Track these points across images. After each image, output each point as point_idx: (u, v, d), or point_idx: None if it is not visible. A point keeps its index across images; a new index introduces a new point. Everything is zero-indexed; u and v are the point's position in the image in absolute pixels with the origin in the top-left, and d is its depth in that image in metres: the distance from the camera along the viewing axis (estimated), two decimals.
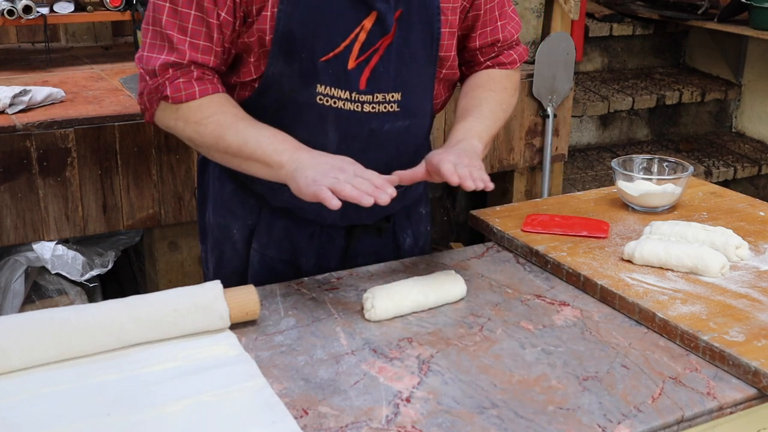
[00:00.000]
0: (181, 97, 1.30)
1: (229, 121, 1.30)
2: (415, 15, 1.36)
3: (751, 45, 4.06)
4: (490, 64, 1.54)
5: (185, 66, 1.30)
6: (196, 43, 1.29)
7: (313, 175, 1.21)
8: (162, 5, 1.28)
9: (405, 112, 1.41)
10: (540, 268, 1.46)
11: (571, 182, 3.56)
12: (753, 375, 1.10)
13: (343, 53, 1.33)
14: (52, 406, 1.03)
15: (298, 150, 1.27)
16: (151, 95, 1.32)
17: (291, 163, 1.25)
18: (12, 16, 2.54)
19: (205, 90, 1.31)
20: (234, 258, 1.53)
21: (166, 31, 1.28)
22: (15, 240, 2.21)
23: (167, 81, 1.30)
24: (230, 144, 1.29)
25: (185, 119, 1.31)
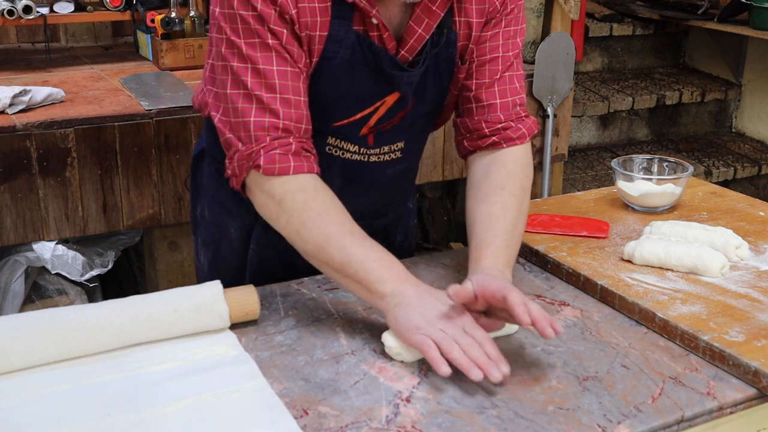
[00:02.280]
0: (273, 169, 1.21)
1: (336, 233, 1.20)
2: (429, 84, 1.37)
3: (751, 45, 4.06)
4: (497, 140, 1.39)
5: (283, 134, 1.23)
6: (287, 98, 1.23)
7: (418, 322, 1.11)
8: (242, 68, 1.22)
9: (406, 157, 1.45)
10: (540, 268, 1.46)
11: (571, 182, 3.56)
12: (753, 375, 1.10)
13: (357, 122, 1.34)
14: (52, 406, 1.03)
15: (404, 282, 1.17)
16: (242, 162, 1.24)
17: (393, 297, 1.15)
18: (12, 16, 2.54)
19: (300, 167, 1.23)
20: (230, 256, 1.54)
21: (254, 92, 1.22)
22: (15, 240, 2.21)
23: (262, 149, 1.22)
24: (333, 258, 1.19)
25: (289, 216, 1.22)
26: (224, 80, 1.25)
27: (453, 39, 1.35)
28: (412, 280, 1.18)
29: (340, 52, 1.27)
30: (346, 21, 1.25)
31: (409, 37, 1.30)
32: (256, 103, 1.23)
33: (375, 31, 1.27)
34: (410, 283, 1.17)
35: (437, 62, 1.35)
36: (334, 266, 1.20)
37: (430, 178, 2.82)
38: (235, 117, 1.24)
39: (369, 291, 1.18)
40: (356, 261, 1.18)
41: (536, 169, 3.05)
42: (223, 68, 1.25)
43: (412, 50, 1.31)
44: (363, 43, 1.27)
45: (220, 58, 1.25)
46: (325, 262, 1.21)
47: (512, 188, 1.36)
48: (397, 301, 1.15)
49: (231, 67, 1.24)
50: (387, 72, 1.29)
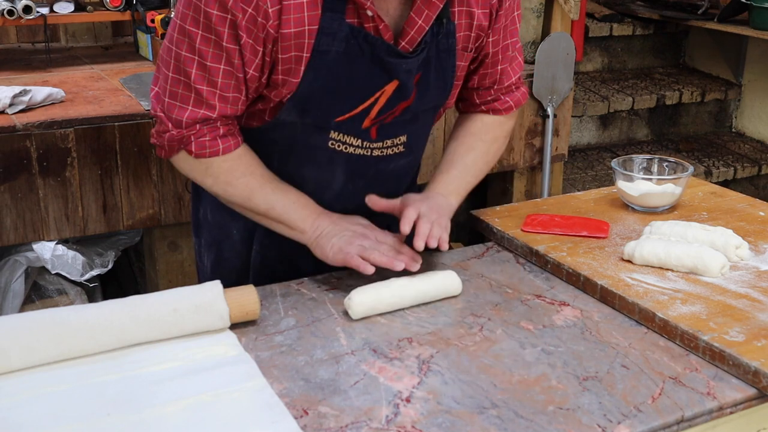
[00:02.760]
0: (204, 153, 1.33)
1: (257, 184, 1.36)
2: (432, 76, 1.38)
3: (751, 45, 4.06)
4: (485, 109, 1.54)
5: (213, 121, 1.32)
6: (225, 95, 1.29)
7: (339, 244, 1.33)
8: (190, 58, 1.26)
9: (408, 151, 1.47)
10: (540, 268, 1.46)
11: (571, 182, 3.56)
12: (753, 375, 1.10)
13: (359, 114, 1.35)
14: (52, 406, 1.03)
15: (320, 216, 1.37)
16: (173, 143, 1.33)
17: (313, 230, 1.36)
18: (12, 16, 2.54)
19: (228, 147, 1.34)
20: (233, 257, 1.53)
21: (195, 85, 1.27)
22: (15, 240, 2.21)
23: (192, 136, 1.32)
24: (258, 206, 1.37)
25: (215, 177, 1.36)
26: (168, 62, 1.30)
27: (452, 29, 1.36)
28: (326, 213, 1.38)
29: (334, 45, 1.27)
30: (339, 14, 1.25)
31: (410, 28, 1.31)
32: (195, 94, 1.28)
33: (370, 22, 1.27)
34: (325, 215, 1.38)
35: (438, 54, 1.36)
36: (260, 212, 1.38)
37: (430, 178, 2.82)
38: (171, 99, 1.30)
39: (292, 229, 1.38)
40: (278, 205, 1.36)
41: (536, 169, 3.05)
42: (169, 50, 1.29)
43: (412, 41, 1.32)
44: (357, 35, 1.27)
45: (171, 41, 1.29)
46: (251, 210, 1.39)
47: (483, 136, 1.54)
48: (317, 234, 1.36)
49: (178, 54, 1.27)
50: (384, 60, 1.30)
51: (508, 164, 2.96)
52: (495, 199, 3.15)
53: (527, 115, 2.93)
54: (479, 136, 1.53)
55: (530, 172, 3.07)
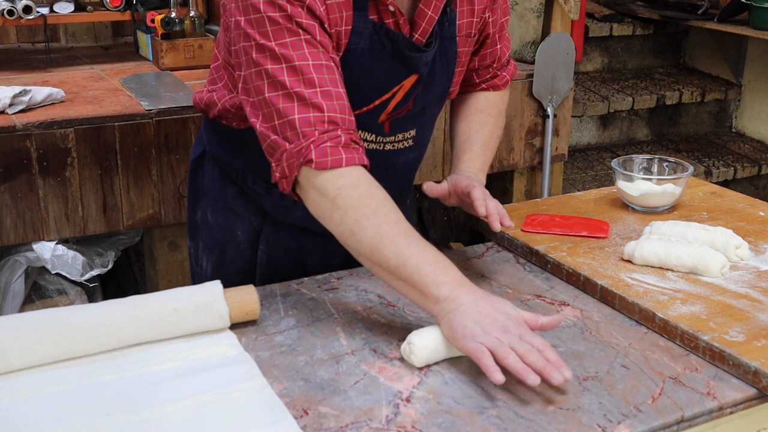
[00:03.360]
0: (326, 162, 1.17)
1: (390, 233, 1.16)
2: (437, 66, 1.39)
3: (751, 45, 4.06)
4: (485, 87, 1.59)
5: (329, 125, 1.19)
6: (327, 90, 1.20)
7: (473, 330, 1.08)
8: (277, 68, 1.19)
9: (417, 144, 1.48)
10: (540, 268, 1.46)
11: (571, 182, 3.56)
12: (753, 375, 1.10)
13: (376, 109, 1.35)
14: (52, 406, 1.03)
15: (459, 287, 1.13)
16: (291, 160, 1.19)
17: (449, 302, 1.12)
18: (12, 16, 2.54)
19: (351, 159, 1.19)
20: (237, 258, 1.53)
21: (293, 90, 1.18)
22: (15, 240, 2.21)
23: (312, 144, 1.18)
24: (387, 260, 1.15)
25: (343, 213, 1.17)
26: (260, 86, 1.21)
27: (453, 17, 1.38)
28: (468, 284, 1.14)
29: (360, 43, 1.28)
30: (363, 12, 1.27)
31: (421, 20, 1.32)
32: (297, 100, 1.19)
33: (390, 17, 1.29)
34: (466, 288, 1.14)
35: (441, 42, 1.37)
36: (388, 268, 1.16)
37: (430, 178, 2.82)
38: (279, 119, 1.20)
39: (423, 295, 1.14)
40: (411, 264, 1.14)
41: (536, 169, 3.05)
42: (258, 74, 1.21)
43: (424, 33, 1.33)
44: (380, 31, 1.29)
45: (252, 65, 1.21)
46: (378, 263, 1.17)
47: (490, 111, 1.58)
48: (452, 307, 1.11)
49: (266, 71, 1.20)
50: (405, 55, 1.32)
51: (508, 164, 2.95)
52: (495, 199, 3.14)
53: (527, 115, 2.93)
54: (487, 112, 1.57)
55: (530, 172, 3.07)
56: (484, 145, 1.53)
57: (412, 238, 1.16)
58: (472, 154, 1.50)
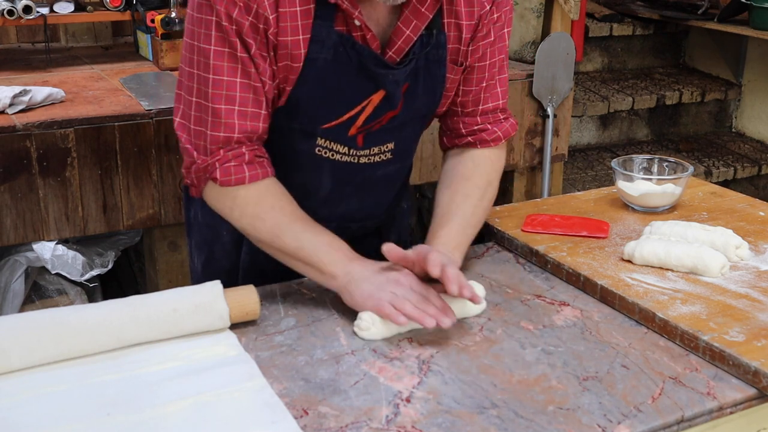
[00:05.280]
0: (230, 181, 1.28)
1: (287, 221, 1.29)
2: (421, 87, 1.37)
3: (751, 45, 4.06)
4: (472, 141, 1.48)
5: (236, 145, 1.27)
6: (244, 111, 1.26)
7: (370, 290, 1.22)
8: (204, 77, 1.25)
9: (397, 158, 1.45)
10: (540, 268, 1.46)
11: (571, 182, 3.56)
12: (753, 375, 1.10)
13: (345, 122, 1.35)
14: (52, 406, 1.03)
15: (352, 261, 1.27)
16: (200, 174, 1.30)
17: (344, 276, 1.25)
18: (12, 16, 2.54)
19: (255, 176, 1.28)
20: (223, 258, 1.54)
21: (213, 105, 1.25)
22: (15, 240, 2.21)
23: (217, 162, 1.27)
24: (287, 245, 1.28)
25: (242, 210, 1.30)
26: (190, 87, 1.28)
27: (443, 41, 1.35)
28: (359, 259, 1.28)
29: (323, 53, 1.27)
30: (328, 22, 1.26)
31: (397, 38, 1.30)
32: (212, 116, 1.26)
33: (358, 31, 1.27)
34: (357, 260, 1.28)
35: (427, 64, 1.35)
36: (288, 252, 1.29)
37: (430, 178, 2.82)
38: (195, 125, 1.28)
39: (322, 273, 1.27)
40: (308, 247, 1.27)
41: (536, 169, 3.05)
42: (189, 75, 1.27)
43: (399, 51, 1.31)
44: (345, 43, 1.27)
45: (188, 63, 1.27)
46: (279, 249, 1.30)
47: (477, 180, 1.46)
48: (347, 280, 1.25)
49: (196, 75, 1.26)
50: (371, 70, 1.29)
51: (508, 164, 2.95)
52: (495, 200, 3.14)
53: (527, 115, 2.93)
54: (473, 181, 1.45)
55: (530, 172, 3.07)
56: (465, 221, 1.40)
57: (308, 225, 1.30)
58: (449, 230, 1.38)
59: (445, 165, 1.51)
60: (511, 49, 2.98)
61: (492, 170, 1.49)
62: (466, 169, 1.47)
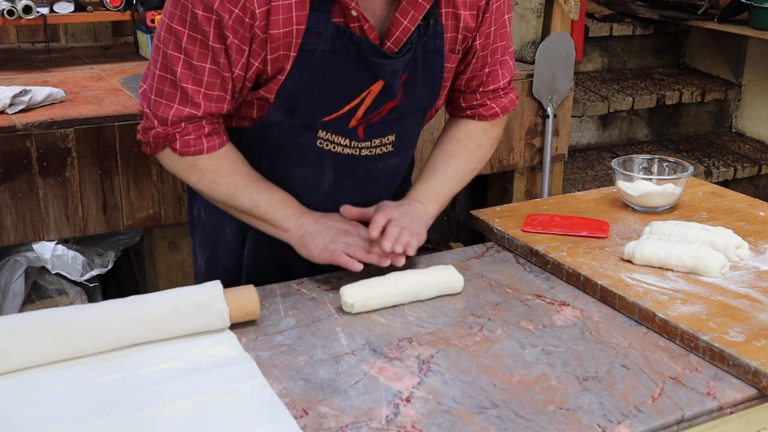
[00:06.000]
0: (189, 151, 1.33)
1: (242, 182, 1.37)
2: (419, 77, 1.38)
3: (751, 45, 4.06)
4: (470, 114, 1.53)
5: (198, 119, 1.32)
6: (210, 94, 1.29)
7: (324, 242, 1.34)
8: (176, 57, 1.27)
9: (398, 150, 1.46)
10: (540, 268, 1.46)
11: (571, 182, 3.56)
12: (753, 375, 1.10)
13: (346, 114, 1.35)
14: (52, 406, 1.03)
15: (303, 215, 1.38)
16: (158, 140, 1.34)
17: (297, 229, 1.37)
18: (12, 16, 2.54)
19: (212, 146, 1.34)
20: (226, 256, 1.54)
21: (181, 83, 1.28)
22: (15, 240, 2.21)
23: (178, 134, 1.32)
24: (242, 204, 1.38)
25: (200, 174, 1.36)
26: (156, 60, 1.30)
27: (440, 30, 1.36)
28: (309, 212, 1.39)
29: (320, 44, 1.27)
30: (325, 13, 1.26)
31: (395, 29, 1.31)
32: (180, 92, 1.29)
33: (355, 22, 1.28)
34: (308, 214, 1.39)
35: (425, 54, 1.36)
36: (243, 210, 1.39)
37: None
38: (157, 96, 1.30)
39: (275, 227, 1.38)
40: (262, 205, 1.37)
41: (536, 169, 3.05)
42: (157, 49, 1.30)
43: (398, 42, 1.32)
44: (343, 35, 1.28)
45: (159, 39, 1.29)
46: (234, 207, 1.39)
47: (467, 143, 1.53)
48: (301, 233, 1.37)
49: (165, 53, 1.28)
50: (369, 60, 1.30)
51: (508, 164, 2.96)
52: (495, 199, 3.15)
53: (527, 115, 2.93)
54: (463, 142, 1.52)
55: (530, 172, 3.07)
56: (446, 175, 1.49)
57: (261, 185, 1.39)
58: (429, 183, 1.48)
59: (444, 128, 1.58)
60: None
61: (483, 136, 1.54)
62: (459, 133, 1.54)
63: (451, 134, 1.54)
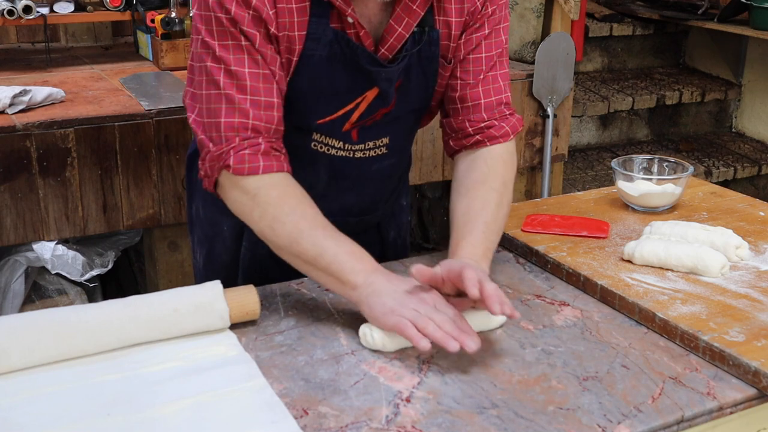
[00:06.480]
0: (243, 169, 1.23)
1: (308, 226, 1.23)
2: (413, 82, 1.37)
3: (751, 45, 4.06)
4: (480, 139, 1.42)
5: (253, 134, 1.24)
6: (257, 100, 1.24)
7: (392, 305, 1.15)
8: (216, 68, 1.24)
9: (392, 152, 1.46)
10: (540, 268, 1.46)
11: (571, 182, 3.56)
12: (753, 375, 1.10)
13: (340, 118, 1.35)
14: (53, 406, 1.03)
15: (374, 272, 1.20)
16: (213, 162, 1.26)
17: (366, 286, 1.18)
18: (12, 16, 2.54)
19: (269, 167, 1.24)
20: (223, 253, 1.54)
21: (225, 90, 1.24)
22: (15, 240, 2.21)
23: (232, 150, 1.24)
24: (306, 251, 1.22)
25: (262, 210, 1.24)
26: (200, 81, 1.27)
27: (435, 38, 1.36)
28: (382, 270, 1.21)
29: (318, 50, 1.28)
30: (324, 19, 1.26)
31: (389, 36, 1.31)
32: (226, 102, 1.24)
33: (352, 29, 1.28)
34: (380, 272, 1.21)
35: (420, 61, 1.36)
36: (307, 259, 1.22)
37: (430, 178, 2.82)
38: (208, 117, 1.26)
39: (341, 282, 1.21)
40: (329, 254, 1.21)
41: (536, 169, 3.05)
42: (200, 69, 1.27)
43: (392, 48, 1.32)
44: (341, 40, 1.28)
45: (197, 59, 1.28)
46: (297, 255, 1.23)
47: (493, 183, 1.39)
48: (369, 291, 1.18)
49: (206, 68, 1.26)
50: (365, 68, 1.30)
51: None
52: None
53: (527, 115, 2.93)
54: (489, 184, 1.38)
55: (530, 172, 3.07)
56: (487, 227, 1.33)
57: (329, 231, 1.23)
58: (473, 239, 1.30)
59: (457, 171, 1.44)
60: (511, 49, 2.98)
61: (506, 171, 1.43)
62: (480, 173, 1.40)
63: (473, 178, 1.40)
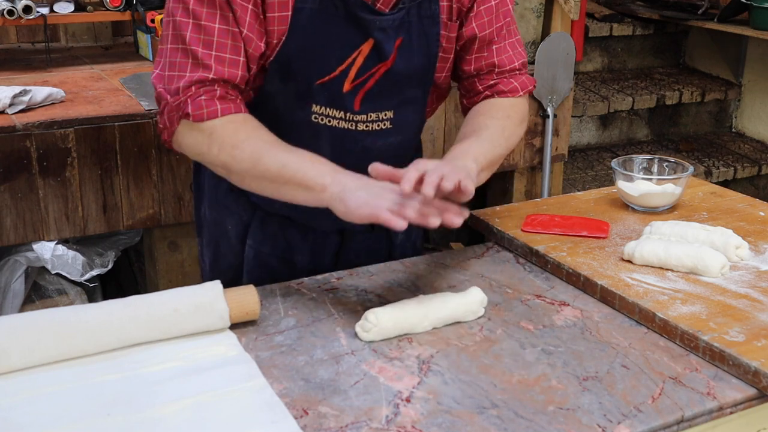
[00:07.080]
0: (202, 114, 1.25)
1: (267, 146, 1.25)
2: (415, 42, 1.37)
3: (751, 45, 4.06)
4: (489, 93, 1.48)
5: (209, 83, 1.26)
6: (222, 56, 1.26)
7: (366, 197, 1.15)
8: (185, 22, 1.25)
9: (397, 129, 1.44)
10: (540, 268, 1.46)
11: (571, 182, 3.56)
12: (753, 375, 1.10)
13: (338, 77, 1.34)
14: (53, 406, 1.03)
15: (341, 172, 1.21)
16: (172, 114, 1.27)
17: (335, 185, 1.19)
18: (12, 16, 2.54)
19: (227, 109, 1.26)
20: (229, 253, 1.54)
21: (190, 47, 1.25)
22: (15, 240, 2.21)
23: (189, 98, 1.25)
24: (269, 167, 1.23)
25: (221, 143, 1.25)
26: (166, 35, 1.28)
27: None
28: (347, 171, 1.22)
29: (309, 2, 1.28)
30: None
31: None
32: (191, 58, 1.26)
33: None
34: (346, 172, 1.22)
35: (420, 20, 1.35)
36: (271, 177, 1.24)
37: None
38: (170, 71, 1.27)
39: (309, 188, 1.21)
40: (292, 165, 1.22)
41: (536, 169, 3.05)
42: (167, 24, 1.28)
43: (387, 2, 1.32)
44: None
45: (168, 13, 1.28)
46: (261, 175, 1.24)
47: (493, 113, 1.43)
48: (340, 188, 1.19)
49: (175, 21, 1.26)
50: (357, 16, 1.30)
51: (508, 164, 2.96)
52: (495, 199, 3.15)
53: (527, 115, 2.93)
54: (489, 114, 1.44)
55: (530, 172, 3.07)
56: (480, 139, 1.35)
57: (289, 148, 1.25)
58: (463, 145, 1.34)
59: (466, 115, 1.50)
60: None
61: (510, 108, 1.45)
62: (483, 107, 1.46)
63: (476, 111, 1.46)
